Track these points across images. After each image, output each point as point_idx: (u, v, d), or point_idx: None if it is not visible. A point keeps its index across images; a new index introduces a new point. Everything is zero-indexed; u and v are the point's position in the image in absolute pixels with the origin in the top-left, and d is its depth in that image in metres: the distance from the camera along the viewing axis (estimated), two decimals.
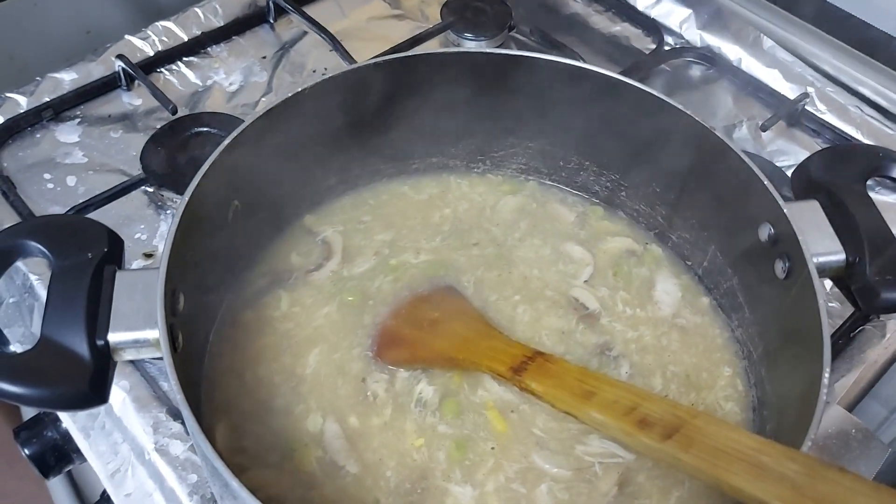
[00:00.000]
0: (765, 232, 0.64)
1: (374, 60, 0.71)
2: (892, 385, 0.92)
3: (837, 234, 0.62)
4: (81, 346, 0.51)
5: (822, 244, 0.61)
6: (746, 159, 0.65)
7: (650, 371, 0.69)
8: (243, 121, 0.66)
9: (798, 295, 0.60)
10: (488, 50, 0.74)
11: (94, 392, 0.50)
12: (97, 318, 0.53)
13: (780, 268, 0.63)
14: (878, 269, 0.60)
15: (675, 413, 0.54)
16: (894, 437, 0.95)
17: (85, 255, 0.55)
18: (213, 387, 0.66)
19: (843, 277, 0.62)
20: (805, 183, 0.66)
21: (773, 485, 0.47)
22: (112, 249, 0.56)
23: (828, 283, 0.87)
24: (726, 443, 0.50)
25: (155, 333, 0.52)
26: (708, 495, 0.62)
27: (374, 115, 0.75)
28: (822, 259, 0.61)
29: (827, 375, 0.53)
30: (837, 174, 0.65)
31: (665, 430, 0.53)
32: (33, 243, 0.55)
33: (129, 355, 0.54)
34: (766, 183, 0.63)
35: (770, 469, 0.48)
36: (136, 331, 0.53)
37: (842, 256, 0.61)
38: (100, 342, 0.52)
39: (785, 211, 0.62)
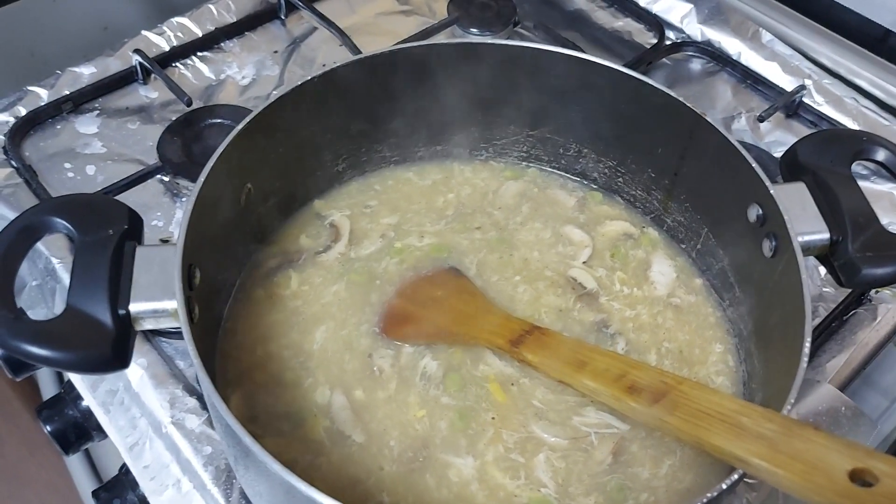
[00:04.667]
0: (753, 213, 0.67)
1: (379, 51, 0.74)
2: (892, 375, 0.94)
3: (822, 214, 0.64)
4: (104, 315, 0.54)
5: (807, 224, 0.64)
6: (735, 143, 0.67)
7: (645, 347, 0.72)
8: None
9: (784, 272, 0.63)
10: (490, 41, 0.77)
11: (116, 357, 0.54)
12: (119, 289, 0.56)
13: (767, 247, 0.66)
14: (859, 246, 0.62)
15: (663, 380, 0.57)
16: (895, 426, 0.97)
17: (106, 232, 0.58)
18: (226, 360, 0.69)
19: (827, 255, 0.64)
20: (793, 166, 0.68)
21: (751, 443, 0.50)
22: (132, 226, 0.59)
23: (822, 270, 0.90)
24: (709, 406, 0.53)
25: (172, 304, 0.56)
26: (698, 464, 0.65)
27: (380, 104, 0.78)
28: (806, 237, 0.63)
29: (808, 345, 0.56)
30: (823, 157, 0.67)
31: (652, 395, 0.56)
32: (58, 220, 0.58)
33: (148, 324, 0.57)
34: (754, 166, 0.66)
35: (749, 429, 0.51)
36: (155, 301, 0.56)
37: (826, 235, 0.64)
38: (121, 311, 0.55)
39: (772, 192, 0.64)
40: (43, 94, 1.01)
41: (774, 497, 0.72)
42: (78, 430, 0.85)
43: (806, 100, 1.07)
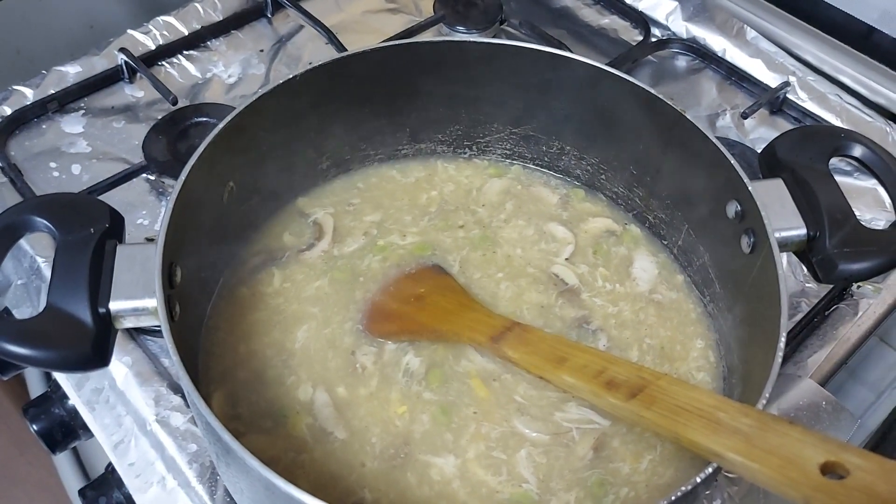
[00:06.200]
0: (732, 209, 0.67)
1: (362, 49, 0.74)
2: (878, 370, 0.95)
3: (800, 211, 0.65)
4: (84, 313, 0.54)
5: (784, 220, 0.64)
6: (714, 139, 0.68)
7: (627, 344, 0.72)
8: None
9: (762, 268, 0.63)
10: (474, 38, 0.77)
11: (96, 355, 0.54)
12: (99, 287, 0.56)
13: (745, 243, 0.66)
14: (836, 242, 0.63)
15: (640, 375, 0.57)
16: (881, 420, 0.98)
17: (87, 230, 0.58)
18: (209, 358, 0.69)
19: (804, 251, 0.65)
20: (771, 162, 0.68)
21: (727, 438, 0.50)
22: (113, 225, 0.60)
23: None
24: (686, 401, 0.54)
25: (153, 302, 0.56)
26: (679, 459, 0.65)
27: (364, 102, 0.79)
28: (784, 233, 0.64)
29: (783, 340, 0.56)
30: (802, 154, 0.68)
31: (630, 390, 0.56)
32: (39, 219, 0.58)
33: (129, 323, 0.57)
34: (732, 162, 0.66)
35: (725, 424, 0.51)
36: (136, 300, 0.56)
37: (803, 231, 0.64)
38: (101, 310, 0.55)
39: (750, 188, 0.65)
40: (28, 94, 1.01)
41: (755, 491, 0.73)
42: (64, 429, 0.85)
43: (790, 96, 1.08)
